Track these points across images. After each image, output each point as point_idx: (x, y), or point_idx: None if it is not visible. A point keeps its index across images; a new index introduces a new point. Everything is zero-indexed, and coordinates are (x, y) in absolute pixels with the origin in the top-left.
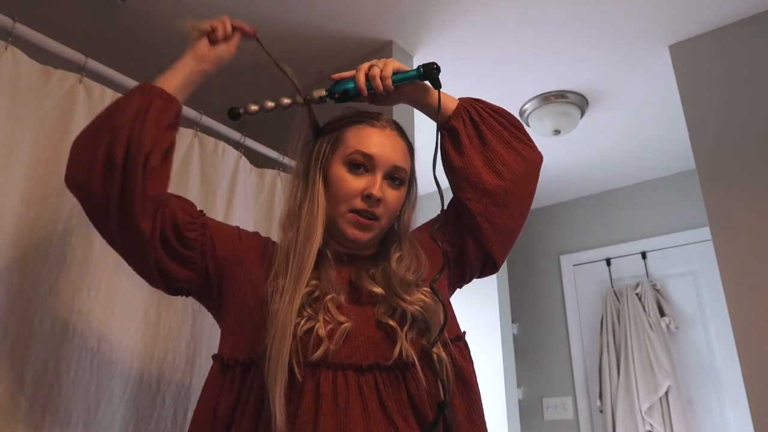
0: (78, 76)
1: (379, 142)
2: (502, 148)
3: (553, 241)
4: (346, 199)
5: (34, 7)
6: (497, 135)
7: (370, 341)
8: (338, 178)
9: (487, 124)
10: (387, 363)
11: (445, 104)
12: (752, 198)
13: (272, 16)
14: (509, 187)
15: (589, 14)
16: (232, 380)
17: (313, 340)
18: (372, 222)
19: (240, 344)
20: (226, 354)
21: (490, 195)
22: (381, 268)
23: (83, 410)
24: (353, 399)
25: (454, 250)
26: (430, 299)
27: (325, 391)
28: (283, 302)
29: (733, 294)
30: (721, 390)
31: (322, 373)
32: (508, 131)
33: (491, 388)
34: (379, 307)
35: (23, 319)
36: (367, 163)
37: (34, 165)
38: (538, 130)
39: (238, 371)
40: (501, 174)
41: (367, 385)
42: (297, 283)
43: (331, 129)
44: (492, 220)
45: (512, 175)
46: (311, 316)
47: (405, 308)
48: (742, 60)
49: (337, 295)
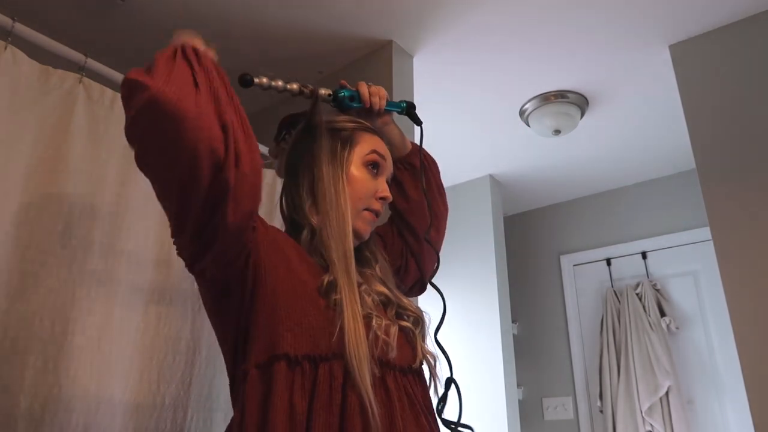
0: (78, 76)
1: (385, 150)
2: (436, 190)
3: (553, 241)
4: (366, 198)
5: (34, 7)
6: (436, 181)
7: (402, 344)
8: (360, 177)
9: (431, 170)
10: (414, 365)
11: (404, 142)
12: (752, 198)
13: (272, 16)
14: (437, 225)
15: (589, 14)
16: (303, 377)
17: (381, 339)
18: (377, 219)
19: (301, 337)
20: (291, 350)
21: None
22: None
23: (83, 410)
24: (408, 398)
25: (396, 264)
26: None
27: (392, 387)
28: (346, 296)
29: (733, 294)
30: (721, 390)
31: (385, 372)
32: (439, 179)
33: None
34: (390, 308)
35: (23, 319)
36: (380, 165)
37: (34, 165)
38: (538, 130)
39: (307, 367)
40: (435, 213)
41: (409, 385)
42: (348, 276)
43: (339, 128)
44: (428, 249)
45: (440, 217)
46: (369, 314)
47: (411, 311)
48: (742, 60)
49: (375, 294)
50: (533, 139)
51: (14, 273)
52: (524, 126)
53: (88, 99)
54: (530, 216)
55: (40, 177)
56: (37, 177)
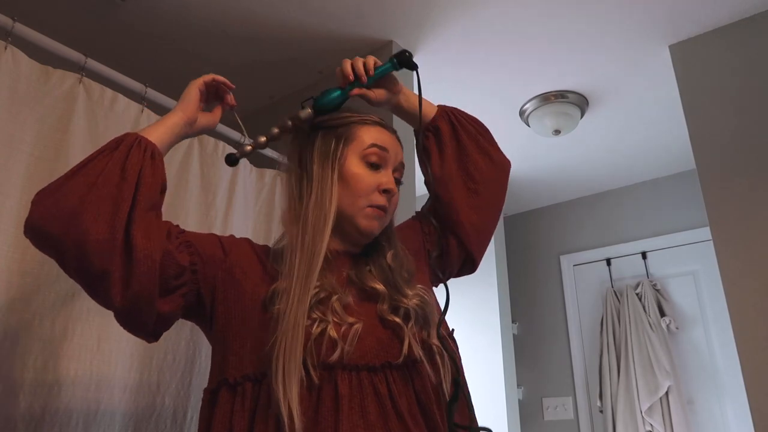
0: (78, 76)
1: (388, 139)
2: (476, 152)
3: (553, 241)
4: (367, 193)
5: (34, 7)
6: (473, 139)
7: (380, 341)
8: (356, 173)
9: (465, 129)
10: (397, 361)
11: (426, 108)
12: (752, 198)
13: (272, 16)
14: (481, 190)
15: (589, 14)
16: (243, 398)
17: (327, 341)
18: (384, 215)
19: (245, 359)
20: (231, 375)
21: (467, 198)
22: (377, 264)
23: (83, 410)
24: (370, 400)
25: (436, 250)
26: (427, 295)
27: (344, 393)
28: (292, 302)
29: (733, 294)
30: (721, 390)
31: (338, 375)
32: (482, 137)
33: (491, 388)
34: (382, 304)
35: (23, 319)
36: (381, 159)
37: (34, 165)
38: (538, 130)
39: (249, 387)
40: (474, 177)
41: (381, 385)
42: (307, 280)
43: (334, 125)
44: (471, 222)
45: (484, 178)
46: (321, 318)
47: (407, 304)
48: (742, 60)
49: (344, 295)
50: (533, 139)
51: (14, 273)
52: (524, 126)
53: (88, 99)
54: (530, 216)
55: (40, 177)
56: (37, 177)
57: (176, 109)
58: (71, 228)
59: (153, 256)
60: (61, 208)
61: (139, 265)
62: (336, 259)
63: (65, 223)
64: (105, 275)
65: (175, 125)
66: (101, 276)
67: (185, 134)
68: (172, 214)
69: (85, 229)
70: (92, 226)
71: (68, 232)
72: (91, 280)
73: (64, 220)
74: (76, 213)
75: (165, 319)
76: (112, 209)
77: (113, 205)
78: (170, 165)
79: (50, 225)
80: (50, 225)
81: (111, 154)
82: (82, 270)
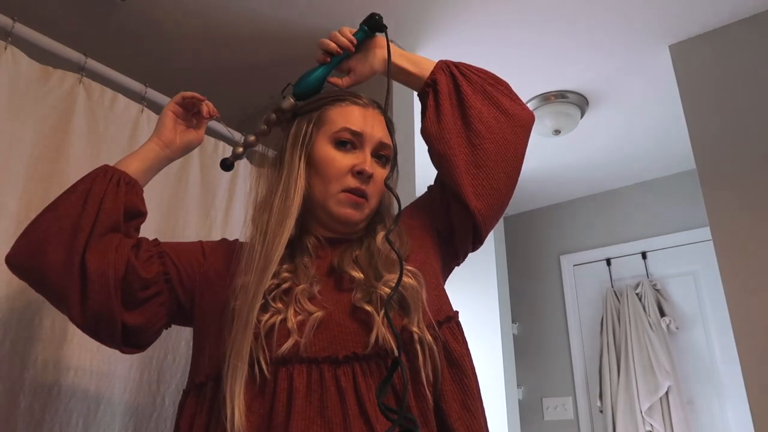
0: (78, 76)
1: (365, 118)
2: (480, 102)
3: (553, 241)
4: (338, 177)
5: (34, 7)
6: (477, 89)
7: (346, 330)
8: (326, 156)
9: (468, 79)
10: (365, 352)
11: (425, 64)
12: (752, 198)
13: (271, 17)
14: (486, 146)
15: (589, 14)
16: (204, 398)
17: (280, 333)
18: (363, 200)
19: (212, 359)
20: (198, 376)
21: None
22: (366, 247)
23: (83, 410)
24: (330, 395)
25: (444, 227)
26: (412, 279)
27: (299, 387)
28: (247, 297)
29: (733, 294)
30: (721, 390)
31: (295, 369)
32: (491, 87)
33: (491, 388)
34: (357, 292)
35: (23, 319)
36: (355, 140)
37: (34, 165)
38: (538, 130)
39: (210, 387)
40: (477, 131)
41: (345, 378)
42: (263, 274)
43: (309, 109)
44: (474, 181)
45: (490, 131)
46: (279, 309)
47: (383, 291)
48: (742, 60)
49: (309, 286)
50: (533, 139)
51: None
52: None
53: (88, 99)
54: (530, 216)
55: (40, 177)
56: (37, 177)
57: (151, 136)
58: (36, 256)
59: (106, 273)
60: (30, 240)
61: (92, 285)
62: (323, 247)
63: (32, 253)
64: (64, 297)
65: (150, 150)
66: (62, 298)
67: (167, 157)
68: (173, 214)
69: (46, 257)
70: (52, 254)
71: (33, 259)
72: (56, 303)
73: (32, 251)
74: (40, 243)
75: (139, 330)
76: (70, 237)
77: (72, 234)
78: (170, 166)
79: (21, 256)
80: (21, 256)
81: (77, 187)
82: (47, 294)
